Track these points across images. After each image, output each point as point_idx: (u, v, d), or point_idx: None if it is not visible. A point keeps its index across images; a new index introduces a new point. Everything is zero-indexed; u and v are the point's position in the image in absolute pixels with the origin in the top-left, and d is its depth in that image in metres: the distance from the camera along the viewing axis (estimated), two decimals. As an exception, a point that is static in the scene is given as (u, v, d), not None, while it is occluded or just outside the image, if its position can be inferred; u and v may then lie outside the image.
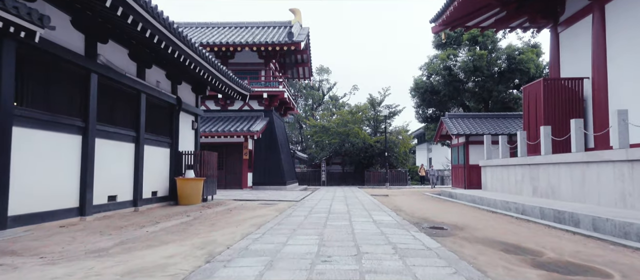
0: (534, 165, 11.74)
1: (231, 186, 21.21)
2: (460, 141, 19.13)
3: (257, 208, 10.87)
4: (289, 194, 17.08)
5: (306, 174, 34.81)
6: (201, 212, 9.75)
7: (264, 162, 22.65)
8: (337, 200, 13.70)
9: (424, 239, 5.62)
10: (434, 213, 9.76)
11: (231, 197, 15.16)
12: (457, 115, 19.67)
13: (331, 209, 10.17)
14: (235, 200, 13.92)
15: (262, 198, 14.73)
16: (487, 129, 18.16)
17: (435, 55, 22.14)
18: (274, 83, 23.06)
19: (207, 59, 10.36)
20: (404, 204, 12.88)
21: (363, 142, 32.21)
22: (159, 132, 10.86)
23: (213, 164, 12.79)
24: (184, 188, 11.05)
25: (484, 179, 15.99)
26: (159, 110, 10.90)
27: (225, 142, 21.35)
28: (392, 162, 32.64)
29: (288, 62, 27.57)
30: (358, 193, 19.35)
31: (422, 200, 14.62)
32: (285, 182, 22.43)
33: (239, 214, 9.45)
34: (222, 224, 7.43)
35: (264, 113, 23.21)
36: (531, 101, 13.29)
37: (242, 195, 15.83)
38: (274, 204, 12.54)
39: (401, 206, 11.81)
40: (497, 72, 20.28)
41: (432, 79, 22.06)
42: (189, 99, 12.93)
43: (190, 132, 13.08)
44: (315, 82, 53.39)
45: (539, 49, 20.35)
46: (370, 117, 34.17)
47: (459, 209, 10.92)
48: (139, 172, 9.41)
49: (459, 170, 19.59)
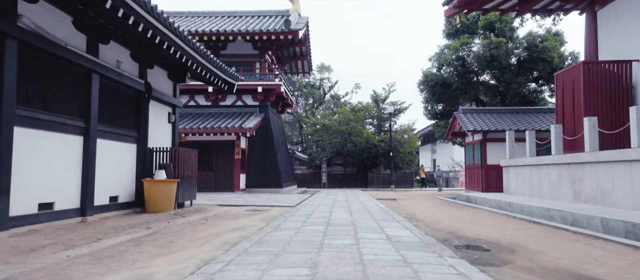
0: (575, 165, 9.75)
1: (222, 189, 19.25)
2: (476, 139, 17.14)
3: (241, 217, 8.91)
4: (284, 198, 15.12)
5: (306, 176, 32.82)
6: (169, 222, 7.80)
7: (259, 163, 20.69)
8: (338, 206, 11.72)
9: (472, 275, 3.64)
10: (460, 224, 7.77)
11: (217, 201, 13.20)
12: (472, 110, 17.68)
13: (331, 219, 8.19)
14: (220, 205, 11.97)
15: (252, 203, 12.76)
16: (506, 124, 16.17)
17: (446, 46, 20.16)
18: (270, 76, 21.11)
19: (178, 34, 8.42)
20: (418, 210, 10.88)
21: (366, 142, 30.22)
22: (122, 124, 8.90)
23: (192, 164, 10.84)
24: (152, 192, 9.09)
25: (506, 181, 13.99)
26: (121, 98, 8.96)
27: (215, 140, 19.40)
28: (397, 163, 30.62)
29: (286, 56, 25.63)
30: (362, 196, 17.36)
31: (437, 206, 12.62)
32: (281, 184, 20.46)
33: (215, 225, 7.49)
34: (182, 243, 5.47)
35: (259, 109, 21.26)
36: (566, 89, 11.29)
37: (230, 200, 13.87)
38: (264, 210, 10.58)
39: (416, 214, 9.81)
40: (516, 62, 18.26)
41: (443, 70, 20.07)
42: (164, 87, 10.99)
43: (166, 126, 11.13)
44: (316, 81, 51.46)
45: (562, 37, 18.38)
46: (374, 115, 32.17)
47: (487, 218, 8.93)
48: (88, 172, 7.45)
49: (474, 171, 17.59)
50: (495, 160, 16.10)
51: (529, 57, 17.43)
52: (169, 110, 11.29)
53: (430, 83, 19.84)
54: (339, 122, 31.05)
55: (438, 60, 20.03)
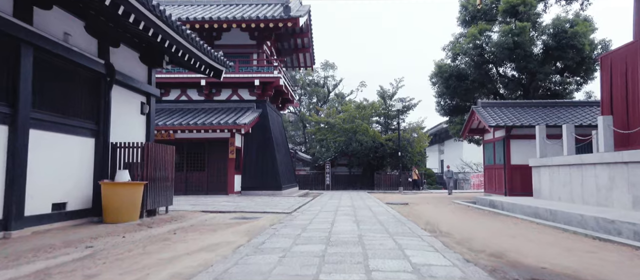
0: (635, 164, 7.87)
1: (215, 191, 17.50)
2: (498, 135, 15.25)
3: (222, 228, 7.13)
4: (281, 202, 13.33)
5: (308, 177, 31.01)
6: (125, 237, 6.05)
7: (256, 163, 18.92)
8: (342, 213, 9.91)
9: None
10: (501, 240, 5.93)
11: (204, 206, 11.44)
12: (493, 104, 15.79)
13: (333, 233, 6.37)
14: (204, 212, 10.20)
15: (243, 208, 10.99)
16: (533, 119, 14.28)
17: (462, 34, 18.28)
18: (269, 68, 19.35)
19: (143, 2, 6.65)
20: (439, 218, 9.04)
21: (372, 141, 28.35)
22: (73, 113, 7.16)
23: (167, 162, 9.07)
24: (111, 198, 7.32)
25: (537, 183, 12.10)
26: (72, 80, 7.21)
27: (207, 138, 17.66)
28: (406, 164, 28.72)
29: (286, 48, 23.86)
30: (369, 200, 15.53)
31: (458, 212, 10.77)
32: (280, 186, 18.67)
33: (181, 241, 5.72)
34: (108, 278, 3.70)
35: (256, 104, 19.49)
36: (618, 73, 9.40)
37: (219, 204, 12.10)
38: (253, 218, 8.80)
39: (438, 224, 7.97)
40: (541, 50, 16.34)
41: (458, 61, 18.19)
42: (135, 71, 9.24)
43: (138, 117, 9.37)
44: (320, 79, 49.69)
45: (591, 23, 16.45)
46: (381, 113, 30.28)
47: (530, 231, 7.07)
48: (15, 172, 5.71)
49: (495, 172, 15.70)
50: (520, 160, 14.21)
51: (556, 44, 15.51)
52: (142, 99, 9.53)
53: (443, 75, 17.96)
54: (343, 120, 29.22)
55: (453, 49, 18.16)
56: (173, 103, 19.60)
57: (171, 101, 19.65)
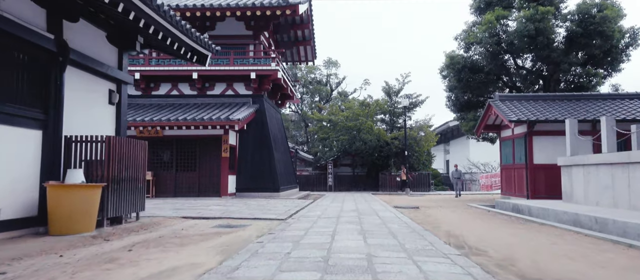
0: None
1: (206, 193, 16.09)
2: (518, 132, 13.76)
3: (192, 243, 5.70)
4: (277, 206, 11.90)
5: (310, 178, 29.58)
6: (62, 256, 4.67)
7: (252, 162, 17.49)
8: (345, 221, 8.46)
9: None
10: (559, 265, 4.46)
11: (188, 211, 10.04)
12: (512, 97, 14.28)
13: (332, 253, 4.92)
14: (185, 218, 8.79)
15: (232, 214, 9.56)
16: (559, 113, 12.78)
17: (476, 22, 16.79)
18: (266, 61, 17.91)
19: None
20: (460, 228, 7.57)
21: (377, 140, 26.86)
22: (8, 98, 5.74)
23: (138, 160, 7.64)
24: (59, 203, 5.91)
25: (567, 185, 10.61)
26: (8, 57, 5.80)
27: (198, 135, 16.26)
28: (413, 164, 27.21)
29: (286, 40, 22.43)
30: (375, 204, 14.07)
31: (479, 219, 9.29)
32: (278, 188, 17.24)
33: (130, 265, 4.30)
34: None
35: (253, 99, 18.08)
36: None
37: (206, 209, 10.68)
38: (239, 227, 7.38)
39: (462, 235, 6.50)
40: (565, 38, 14.81)
41: (471, 51, 16.69)
42: (101, 52, 7.84)
43: (104, 108, 7.97)
44: (322, 77, 48.31)
45: (619, 9, 14.92)
46: (386, 110, 28.76)
47: (584, 247, 5.59)
48: None
49: (514, 173, 14.20)
50: (544, 158, 12.73)
51: (582, 31, 13.98)
52: (110, 86, 8.13)
53: (456, 67, 16.46)
54: (346, 118, 27.74)
55: (466, 39, 16.65)
56: (163, 98, 18.22)
57: (161, 96, 18.27)
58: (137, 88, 18.10)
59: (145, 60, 17.63)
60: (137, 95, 18.13)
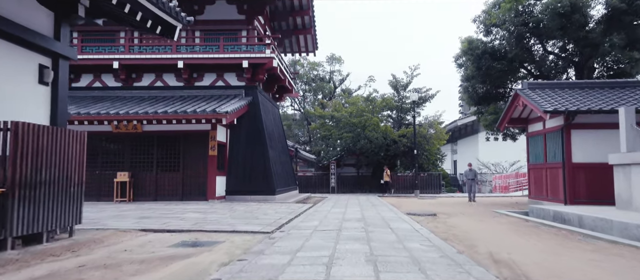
0: None
1: (191, 197, 14.18)
2: (552, 125, 11.76)
3: (131, 274, 3.76)
4: (268, 213, 9.98)
5: (311, 179, 27.61)
6: None
7: (244, 162, 15.57)
8: (348, 237, 6.50)
9: None
10: None
11: (155, 220, 8.16)
12: (544, 85, 12.27)
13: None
14: (143, 231, 6.90)
15: (206, 225, 7.63)
16: (603, 102, 10.75)
17: (497, 3, 14.75)
18: (259, 47, 15.98)
19: None
20: (502, 247, 5.58)
21: (384, 137, 24.84)
22: None
23: (69, 157, 5.73)
24: None
25: (625, 189, 8.58)
26: None
27: (182, 131, 14.36)
28: (422, 163, 25.17)
29: (284, 28, 20.50)
30: (383, 209, 12.11)
31: (521, 233, 7.30)
32: (274, 190, 15.30)
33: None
34: None
35: (245, 91, 16.16)
36: None
37: (176, 219, 8.77)
38: (206, 246, 5.48)
39: (515, 263, 4.52)
40: (604, 17, 12.75)
41: (492, 35, 14.67)
42: (27, 15, 5.96)
43: (34, 88, 6.08)
44: (325, 73, 46.45)
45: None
46: (393, 106, 26.72)
47: None
48: None
49: (546, 173, 12.19)
50: (586, 156, 10.73)
51: (627, 6, 11.93)
52: (43, 61, 6.23)
53: (474, 52, 14.45)
54: (350, 114, 25.74)
55: (486, 21, 14.63)
56: (146, 90, 16.33)
57: (144, 87, 16.38)
58: (116, 79, 16.24)
59: (125, 47, 15.78)
60: (117, 86, 16.27)
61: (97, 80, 16.40)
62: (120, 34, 16.36)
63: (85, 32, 16.24)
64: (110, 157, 14.36)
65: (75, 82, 16.32)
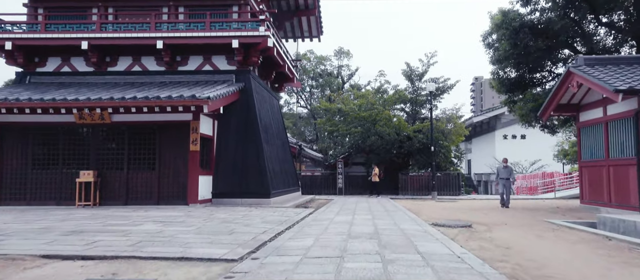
0: None
1: (169, 200, 11.88)
2: (616, 111, 9.21)
3: None
4: (252, 223, 7.61)
5: (316, 179, 25.20)
6: None
7: (234, 158, 13.21)
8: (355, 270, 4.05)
9: None
10: None
11: (77, 238, 5.84)
12: (604, 60, 9.73)
13: None
14: (46, 257, 4.55)
15: (152, 247, 5.28)
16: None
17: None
18: (252, 24, 13.59)
19: None
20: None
21: (396, 133, 22.34)
22: None
23: None
24: None
25: None
26: None
27: (157, 121, 12.06)
28: (440, 162, 22.59)
29: (284, 9, 18.10)
30: (400, 217, 9.64)
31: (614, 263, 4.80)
32: (268, 192, 12.93)
33: None
34: None
35: (236, 75, 13.83)
36: None
37: (118, 234, 6.43)
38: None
39: None
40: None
41: (532, 5, 12.13)
42: None
43: None
44: (333, 68, 44.17)
45: None
46: (407, 98, 24.16)
47: None
48: None
49: (609, 172, 9.62)
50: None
51: None
52: None
53: (510, 26, 11.93)
54: (359, 107, 23.25)
55: (526, -11, 12.09)
56: (122, 75, 14.08)
57: (120, 72, 14.13)
58: (88, 63, 14.00)
59: (97, 25, 13.50)
60: (88, 72, 14.04)
61: (65, 64, 14.17)
62: (92, 10, 14.10)
63: (51, 8, 14.03)
64: (72, 152, 12.07)
65: (41, 66, 14.15)
